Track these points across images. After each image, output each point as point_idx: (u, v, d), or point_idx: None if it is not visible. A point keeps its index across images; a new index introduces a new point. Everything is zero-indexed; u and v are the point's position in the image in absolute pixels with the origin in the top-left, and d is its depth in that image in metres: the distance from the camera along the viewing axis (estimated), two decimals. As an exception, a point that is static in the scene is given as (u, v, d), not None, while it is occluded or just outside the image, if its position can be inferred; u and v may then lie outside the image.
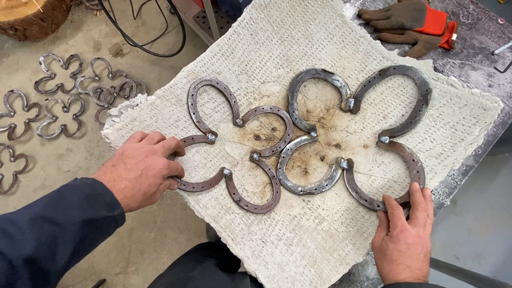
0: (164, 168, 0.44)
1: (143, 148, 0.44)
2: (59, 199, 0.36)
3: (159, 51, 1.68)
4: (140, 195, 0.41)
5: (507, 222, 1.52)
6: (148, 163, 0.43)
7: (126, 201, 0.40)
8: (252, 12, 0.61)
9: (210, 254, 0.75)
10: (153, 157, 0.44)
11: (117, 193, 0.39)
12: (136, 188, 0.41)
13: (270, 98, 0.63)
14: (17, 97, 1.63)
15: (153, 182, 0.43)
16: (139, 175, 0.41)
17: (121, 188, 0.39)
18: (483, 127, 0.53)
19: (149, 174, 0.42)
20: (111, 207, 0.38)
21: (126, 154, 0.43)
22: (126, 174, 0.41)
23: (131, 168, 0.41)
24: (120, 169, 0.41)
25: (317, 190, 0.57)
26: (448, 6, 0.76)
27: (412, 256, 0.44)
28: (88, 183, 0.38)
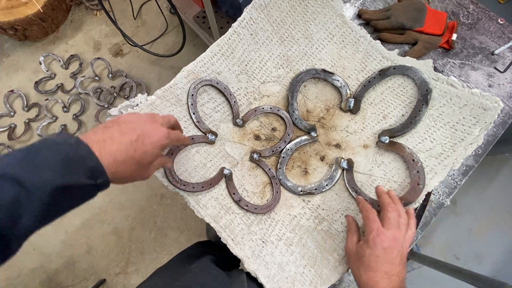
0: (164, 137, 0.39)
1: (142, 116, 0.40)
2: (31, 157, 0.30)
3: (159, 51, 1.68)
4: (133, 162, 0.36)
5: (507, 222, 1.52)
6: (146, 128, 0.38)
7: (115, 167, 0.34)
8: (252, 12, 0.61)
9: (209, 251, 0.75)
10: (153, 126, 0.39)
11: (106, 155, 0.33)
12: (130, 153, 0.35)
13: (270, 98, 0.63)
14: (17, 97, 1.63)
15: (149, 151, 0.37)
16: (135, 139, 0.36)
17: (112, 150, 0.34)
18: (483, 127, 0.53)
19: (146, 141, 0.37)
20: (93, 174, 0.32)
21: (122, 119, 0.38)
22: (119, 136, 0.35)
23: (126, 132, 0.36)
24: (113, 131, 0.36)
25: (317, 190, 0.57)
26: (448, 6, 0.76)
27: (389, 261, 0.43)
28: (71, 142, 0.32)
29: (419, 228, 0.63)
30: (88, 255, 1.41)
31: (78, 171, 0.31)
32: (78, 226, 1.44)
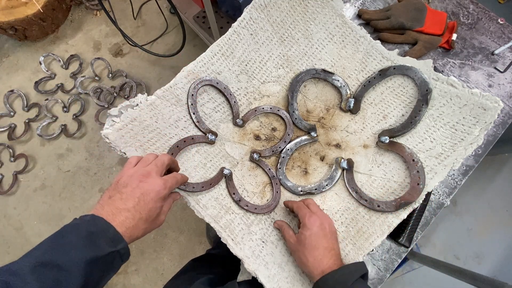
0: (161, 189, 0.42)
1: (136, 173, 0.43)
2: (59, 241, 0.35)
3: (159, 51, 1.68)
4: (142, 222, 0.40)
5: (507, 222, 1.52)
6: (144, 188, 0.41)
7: (129, 232, 0.39)
8: (252, 12, 0.61)
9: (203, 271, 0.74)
10: (148, 181, 0.42)
11: (118, 226, 0.38)
12: (137, 217, 0.40)
13: (270, 98, 0.63)
14: (17, 97, 1.63)
15: (153, 207, 0.41)
16: (137, 202, 0.40)
17: (121, 220, 0.38)
18: (483, 127, 0.53)
19: (147, 200, 0.41)
20: (113, 242, 0.37)
21: (121, 183, 0.42)
22: (123, 204, 0.39)
23: (127, 198, 0.40)
24: (116, 200, 0.40)
25: (317, 190, 0.57)
26: (448, 6, 0.76)
27: (325, 236, 0.48)
28: (88, 219, 0.37)
29: (419, 228, 0.63)
30: (88, 255, 1.41)
31: (101, 242, 0.36)
32: (78, 226, 1.44)
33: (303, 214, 0.50)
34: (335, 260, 0.47)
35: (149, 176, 0.43)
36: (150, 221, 0.42)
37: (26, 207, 1.49)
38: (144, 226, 0.41)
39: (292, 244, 0.51)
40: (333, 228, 0.51)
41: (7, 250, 1.43)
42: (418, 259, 1.11)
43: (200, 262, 0.82)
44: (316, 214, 0.50)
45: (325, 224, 0.49)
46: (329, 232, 0.49)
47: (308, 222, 0.49)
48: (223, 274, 0.74)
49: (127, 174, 0.43)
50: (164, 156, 0.47)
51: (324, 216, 0.51)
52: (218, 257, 0.83)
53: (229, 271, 0.77)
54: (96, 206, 0.40)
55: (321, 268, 0.46)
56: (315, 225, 0.48)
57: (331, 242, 0.49)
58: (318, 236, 0.48)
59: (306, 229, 0.49)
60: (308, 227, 0.48)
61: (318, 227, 0.48)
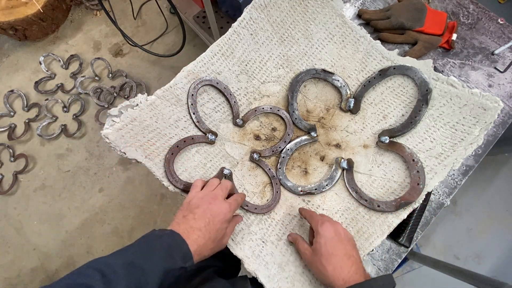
0: (227, 212, 0.46)
1: (206, 196, 0.47)
2: (146, 247, 0.39)
3: (159, 51, 1.68)
4: (210, 242, 0.44)
5: (507, 222, 1.52)
6: (213, 210, 0.45)
7: (199, 250, 0.42)
8: (252, 12, 0.61)
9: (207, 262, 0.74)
10: (216, 203, 0.46)
11: (191, 243, 0.41)
12: (207, 236, 0.43)
13: (270, 98, 0.63)
14: (17, 97, 1.63)
15: (220, 228, 0.45)
16: (207, 223, 0.44)
17: (194, 238, 0.42)
18: (483, 127, 0.53)
19: (215, 221, 0.45)
20: (185, 258, 0.40)
21: (193, 204, 0.46)
22: (196, 223, 0.43)
23: (199, 218, 0.44)
24: (190, 220, 0.44)
25: (317, 190, 0.57)
26: (448, 6, 0.76)
27: (342, 242, 0.47)
28: (167, 233, 0.42)
29: (419, 228, 0.63)
30: (88, 255, 1.40)
31: (177, 256, 0.40)
32: (78, 226, 1.44)
33: (316, 222, 0.49)
34: (356, 268, 0.44)
35: (217, 199, 0.47)
36: (216, 241, 0.45)
37: (26, 207, 1.49)
38: (212, 246, 0.45)
39: (308, 256, 0.48)
40: (349, 235, 0.49)
41: (7, 250, 1.43)
42: (418, 259, 1.11)
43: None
44: (328, 221, 0.48)
45: (339, 230, 0.48)
46: (345, 238, 0.47)
47: (321, 229, 0.47)
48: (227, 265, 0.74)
49: (197, 197, 0.47)
50: (228, 182, 0.52)
51: (337, 222, 0.50)
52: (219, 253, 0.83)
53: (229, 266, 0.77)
54: (172, 224, 0.44)
55: (343, 277, 0.43)
56: (329, 231, 0.47)
57: (349, 248, 0.46)
58: (334, 242, 0.46)
59: (320, 236, 0.47)
60: (322, 234, 0.47)
61: (332, 233, 0.47)
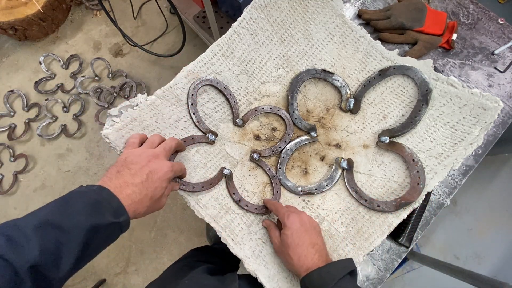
0: (168, 171, 0.45)
1: (145, 153, 0.45)
2: (65, 205, 0.36)
3: (159, 51, 1.68)
4: (147, 199, 0.42)
5: (507, 222, 1.52)
6: (152, 167, 0.43)
7: (133, 206, 0.40)
8: (252, 12, 0.61)
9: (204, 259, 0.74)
10: (156, 161, 0.44)
11: (124, 199, 0.39)
12: (143, 192, 0.41)
13: (270, 98, 0.63)
14: (17, 97, 1.63)
15: (159, 186, 0.43)
16: (145, 179, 0.42)
17: (128, 193, 0.40)
18: (483, 127, 0.53)
19: (154, 178, 0.42)
20: (117, 213, 0.38)
21: (129, 160, 0.43)
22: (131, 179, 0.41)
23: (136, 173, 0.42)
24: (125, 175, 0.41)
25: (317, 190, 0.57)
26: (448, 6, 0.76)
27: (308, 232, 0.48)
28: (94, 189, 0.38)
29: (419, 228, 0.63)
30: (88, 255, 1.41)
31: (105, 212, 0.37)
32: (78, 226, 1.44)
33: (282, 214, 0.50)
34: (319, 256, 0.47)
35: (158, 158, 0.45)
36: (154, 200, 0.43)
37: (26, 207, 1.49)
38: (148, 204, 0.42)
39: (277, 245, 0.51)
40: (314, 222, 0.51)
41: (7, 250, 1.43)
42: (418, 259, 1.11)
43: (201, 251, 0.83)
44: (294, 212, 0.50)
45: (304, 219, 0.50)
46: (310, 227, 0.49)
47: (287, 221, 0.49)
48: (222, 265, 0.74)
49: (135, 153, 0.44)
50: (172, 141, 0.49)
51: (302, 212, 0.52)
52: (218, 250, 0.83)
53: (229, 263, 0.78)
54: (103, 179, 0.41)
55: (306, 265, 0.46)
56: (294, 222, 0.48)
57: (313, 237, 0.48)
58: (300, 233, 0.48)
59: (287, 228, 0.48)
60: (289, 226, 0.48)
61: (298, 224, 0.48)
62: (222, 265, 0.76)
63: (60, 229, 0.33)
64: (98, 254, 0.39)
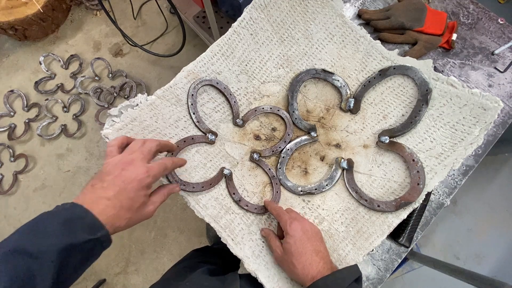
0: (143, 177, 0.40)
1: (120, 161, 0.41)
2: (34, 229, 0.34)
3: (159, 51, 1.68)
4: (124, 212, 0.39)
5: (507, 222, 1.52)
6: (125, 176, 0.39)
7: (110, 221, 0.37)
8: (252, 12, 0.61)
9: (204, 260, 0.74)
10: (130, 169, 0.40)
11: (100, 214, 0.36)
12: (117, 205, 0.38)
13: (270, 98, 0.63)
14: (17, 97, 1.63)
15: (135, 196, 0.39)
16: (118, 191, 0.38)
17: (101, 208, 0.37)
18: (483, 127, 0.53)
19: (128, 188, 0.39)
20: (93, 230, 0.35)
21: (104, 171, 0.40)
22: (104, 193, 0.38)
23: (108, 186, 0.38)
24: (98, 189, 0.38)
25: (317, 190, 0.57)
26: (448, 6, 0.76)
27: (310, 239, 0.47)
28: (67, 207, 0.36)
29: (419, 228, 0.63)
30: (88, 255, 1.41)
31: (78, 230, 0.34)
32: (78, 226, 1.44)
33: (284, 222, 0.49)
34: (324, 263, 0.46)
35: (132, 164, 0.41)
36: (133, 210, 0.40)
37: (26, 207, 1.49)
38: (127, 216, 0.39)
39: (279, 254, 0.49)
40: (316, 228, 0.51)
41: (7, 250, 1.43)
42: (418, 259, 1.11)
43: (202, 252, 0.83)
44: (296, 220, 0.49)
45: (306, 227, 0.49)
46: (312, 234, 0.48)
47: (290, 229, 0.48)
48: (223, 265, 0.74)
49: (111, 163, 0.41)
50: (152, 142, 0.45)
51: (304, 219, 0.51)
52: (218, 251, 0.83)
53: (229, 263, 0.78)
54: (79, 195, 0.39)
55: (311, 274, 0.45)
56: (297, 230, 0.47)
57: (316, 244, 0.48)
58: (303, 240, 0.47)
59: (289, 236, 0.47)
60: (292, 234, 0.47)
61: (301, 232, 0.47)
62: (223, 265, 0.76)
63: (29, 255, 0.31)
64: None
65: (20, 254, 0.31)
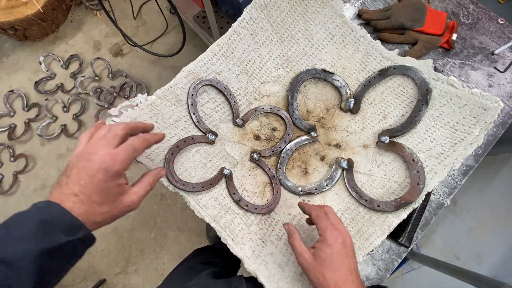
0: (109, 165, 0.35)
1: (83, 150, 0.37)
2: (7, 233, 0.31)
3: (159, 51, 1.68)
4: (96, 206, 0.35)
5: (507, 222, 1.52)
6: (89, 168, 0.35)
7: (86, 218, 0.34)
8: (252, 12, 0.61)
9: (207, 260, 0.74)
10: (93, 158, 0.36)
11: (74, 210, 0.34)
12: (86, 201, 0.34)
13: (270, 98, 0.63)
14: (17, 97, 1.63)
15: (104, 187, 0.35)
16: (84, 186, 0.34)
17: (69, 206, 0.33)
18: (483, 127, 0.53)
19: (94, 181, 0.35)
20: (72, 230, 0.33)
21: (69, 165, 0.37)
22: (69, 189, 0.34)
23: (73, 181, 0.35)
24: (63, 185, 0.35)
25: (317, 190, 0.57)
26: (448, 6, 0.76)
27: (348, 255, 0.42)
28: (41, 206, 0.33)
29: (419, 228, 0.63)
30: (88, 255, 1.41)
31: (55, 231, 0.31)
32: (78, 226, 1.44)
33: (324, 227, 0.43)
34: (357, 284, 0.41)
35: (96, 153, 0.36)
36: (108, 203, 0.36)
37: (26, 207, 1.48)
38: (103, 210, 0.36)
39: (307, 261, 0.42)
40: (352, 243, 0.44)
41: (7, 250, 1.43)
42: (418, 259, 1.11)
43: (203, 251, 0.83)
44: (338, 229, 0.43)
45: (347, 240, 0.43)
46: (351, 249, 0.43)
47: (330, 238, 0.42)
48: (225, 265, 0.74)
49: (75, 154, 0.37)
50: (118, 126, 0.39)
51: (345, 231, 0.44)
52: (220, 250, 0.84)
53: (231, 263, 0.77)
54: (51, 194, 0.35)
55: None
56: (337, 242, 0.42)
57: (353, 261, 0.42)
58: (341, 255, 0.41)
59: (327, 245, 0.41)
60: (330, 243, 0.41)
61: (340, 245, 0.42)
62: (225, 265, 0.76)
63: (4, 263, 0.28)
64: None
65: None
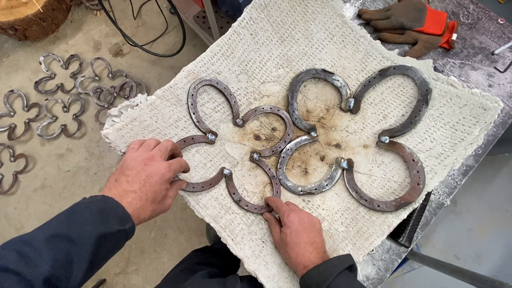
0: (166, 172, 0.44)
1: (140, 157, 0.44)
2: (72, 216, 0.36)
3: (159, 51, 1.68)
4: (149, 204, 0.42)
5: (507, 222, 1.52)
6: (149, 171, 0.42)
7: (136, 213, 0.40)
8: (252, 12, 0.61)
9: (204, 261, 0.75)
10: (152, 164, 0.43)
11: (126, 206, 0.39)
12: (143, 198, 0.41)
13: (270, 98, 0.63)
14: (17, 97, 1.63)
15: (158, 189, 0.43)
16: (143, 184, 0.41)
17: (128, 201, 0.40)
18: (483, 127, 0.53)
19: (152, 182, 0.42)
20: (122, 221, 0.38)
21: (126, 166, 0.43)
22: (129, 186, 0.41)
23: (133, 180, 0.41)
24: (122, 183, 0.41)
25: (317, 190, 0.57)
26: (448, 6, 0.76)
27: (306, 231, 0.49)
28: (99, 199, 0.39)
29: (419, 228, 0.63)
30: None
31: (111, 220, 0.37)
32: (78, 226, 1.44)
33: (282, 213, 0.51)
34: (317, 253, 0.47)
35: (153, 160, 0.44)
36: (156, 203, 0.43)
37: (26, 207, 1.49)
38: (151, 208, 0.42)
39: (277, 240, 0.52)
40: (314, 220, 0.51)
41: (7, 250, 1.43)
42: (418, 259, 1.11)
43: (201, 252, 0.83)
44: (294, 211, 0.51)
45: (304, 218, 0.50)
46: (309, 225, 0.50)
47: (287, 220, 0.50)
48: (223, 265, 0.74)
49: (131, 158, 0.44)
50: (168, 142, 0.49)
51: (302, 211, 0.52)
52: (219, 251, 0.84)
53: (230, 263, 0.78)
54: (104, 190, 0.41)
55: (303, 263, 0.46)
56: (294, 221, 0.49)
57: (312, 235, 0.49)
58: (298, 232, 0.48)
59: (286, 227, 0.49)
60: (288, 225, 0.49)
61: (297, 223, 0.49)
62: (223, 265, 0.76)
63: (69, 240, 0.33)
64: None
65: (61, 238, 0.33)
